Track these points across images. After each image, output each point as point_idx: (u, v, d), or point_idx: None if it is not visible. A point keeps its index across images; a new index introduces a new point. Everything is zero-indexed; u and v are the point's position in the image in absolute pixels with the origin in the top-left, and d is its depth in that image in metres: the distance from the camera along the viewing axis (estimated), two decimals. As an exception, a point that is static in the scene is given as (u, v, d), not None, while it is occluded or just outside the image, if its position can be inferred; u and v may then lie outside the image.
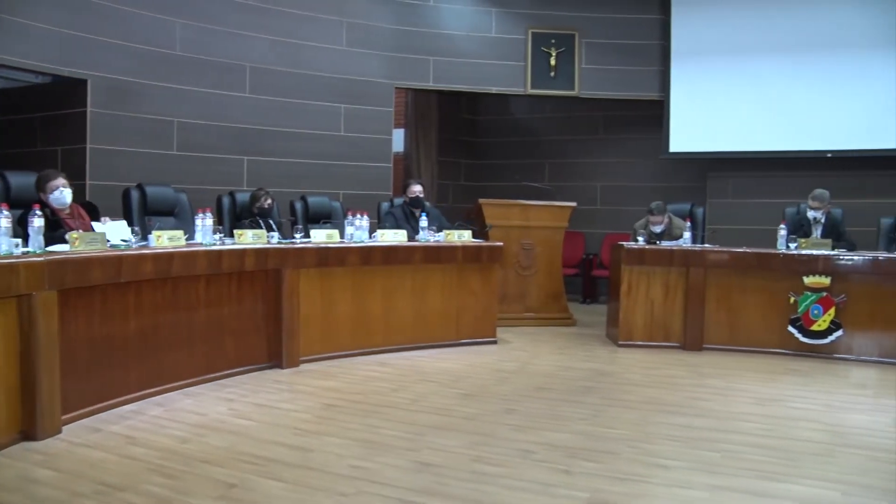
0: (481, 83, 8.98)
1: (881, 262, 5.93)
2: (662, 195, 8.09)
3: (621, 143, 9.92)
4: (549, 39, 8.98)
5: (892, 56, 8.07)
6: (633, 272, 6.40)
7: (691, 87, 8.82)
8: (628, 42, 9.05)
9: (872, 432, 4.17)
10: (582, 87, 9.05)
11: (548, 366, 5.71)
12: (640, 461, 3.55)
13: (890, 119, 8.07)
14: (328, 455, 3.55)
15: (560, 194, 8.19)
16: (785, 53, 8.46)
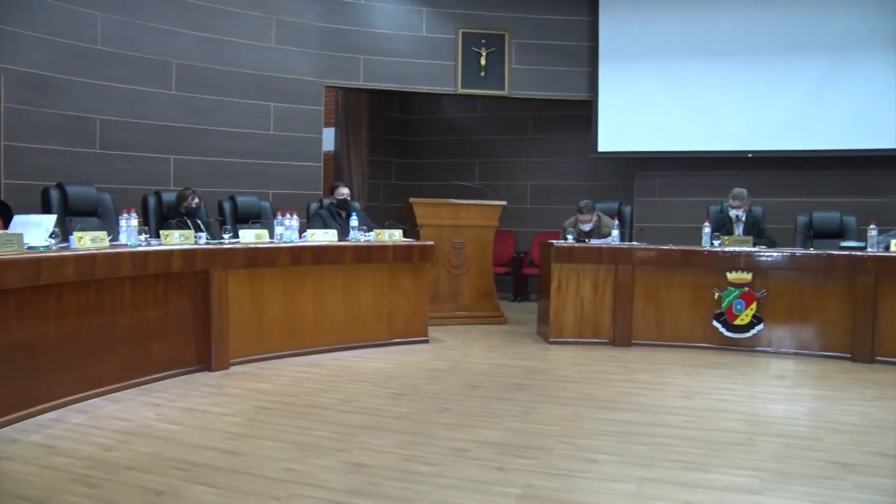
0: (412, 82, 8.99)
1: (798, 258, 6.16)
2: (591, 194, 8.24)
3: (551, 142, 10.07)
4: (480, 39, 9.05)
5: (810, 60, 8.41)
6: (562, 270, 6.51)
7: (619, 87, 9.01)
8: (557, 43, 9.18)
9: (789, 421, 4.36)
10: (512, 87, 9.15)
11: (480, 364, 5.76)
12: (572, 456, 3.61)
13: (806, 121, 8.41)
14: (260, 458, 3.51)
15: (490, 193, 8.27)
16: (708, 56, 8.71)
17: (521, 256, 9.72)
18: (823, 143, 8.39)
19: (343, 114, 9.69)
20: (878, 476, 3.41)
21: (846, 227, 7.00)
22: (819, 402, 4.77)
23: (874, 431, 4.11)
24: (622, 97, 8.99)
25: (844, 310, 5.99)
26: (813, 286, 6.11)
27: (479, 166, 10.28)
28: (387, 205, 9.95)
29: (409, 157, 10.67)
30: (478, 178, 10.02)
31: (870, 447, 3.82)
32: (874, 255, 5.92)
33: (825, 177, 8.58)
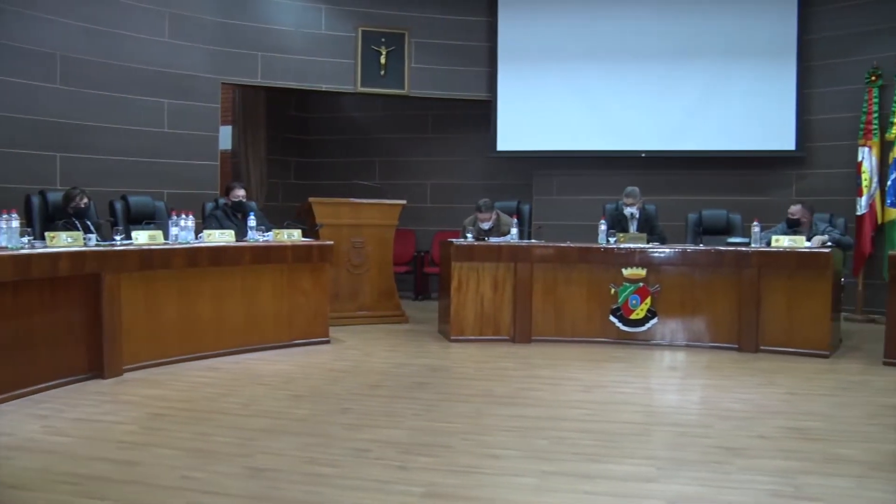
0: (311, 80, 8.89)
1: (689, 253, 6.42)
2: (490, 193, 8.35)
3: (450, 141, 10.14)
4: (380, 38, 9.03)
5: (700, 64, 8.80)
6: (462, 268, 6.57)
7: (518, 88, 9.16)
8: (457, 43, 9.25)
9: (682, 410, 4.57)
10: (412, 86, 9.16)
11: (381, 363, 5.75)
12: (474, 453, 3.65)
13: (696, 123, 8.77)
14: (156, 467, 3.40)
15: (390, 192, 8.27)
16: (605, 58, 8.98)
17: (422, 255, 9.75)
18: (712, 143, 8.78)
19: (240, 111, 9.49)
20: (762, 458, 3.60)
21: (732, 224, 7.32)
22: (709, 392, 4.99)
23: (758, 416, 4.33)
24: (521, 97, 9.14)
25: (731, 303, 6.28)
26: (702, 281, 6.38)
27: (378, 165, 10.26)
28: (286, 204, 9.80)
29: (309, 156, 10.54)
30: (377, 178, 10.00)
31: (755, 431, 4.03)
32: (757, 251, 6.23)
33: (713, 176, 8.98)
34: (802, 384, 5.17)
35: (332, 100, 10.25)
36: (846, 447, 3.78)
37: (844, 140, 8.44)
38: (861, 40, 8.40)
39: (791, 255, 6.12)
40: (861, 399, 4.80)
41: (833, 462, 3.56)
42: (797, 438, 3.93)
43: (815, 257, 6.04)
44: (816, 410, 4.52)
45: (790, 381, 5.26)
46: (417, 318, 7.89)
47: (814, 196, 7.94)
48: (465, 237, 6.84)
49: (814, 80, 8.66)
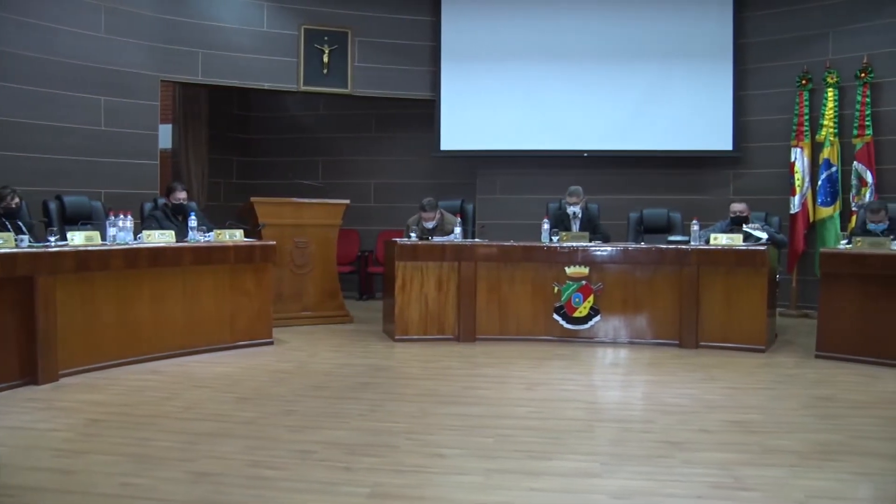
0: (253, 79, 8.77)
1: (630, 252, 6.52)
2: (434, 192, 8.35)
3: (394, 141, 10.11)
4: (323, 37, 8.95)
5: (642, 66, 8.94)
6: (406, 268, 6.56)
7: (461, 87, 9.18)
8: (401, 42, 9.23)
9: (625, 406, 4.66)
10: (355, 85, 9.11)
11: (325, 364, 5.71)
12: (420, 452, 3.65)
13: (636, 123, 8.91)
14: (94, 475, 3.31)
15: (334, 192, 8.21)
16: (548, 58, 9.05)
17: (366, 255, 9.71)
18: (653, 143, 8.94)
19: (181, 110, 9.31)
20: (703, 451, 3.68)
21: (673, 222, 7.46)
22: (651, 387, 5.08)
23: (699, 411, 4.42)
24: (464, 97, 9.17)
25: (672, 300, 6.40)
26: (644, 279, 6.48)
27: (322, 165, 10.18)
28: (228, 204, 9.65)
29: (251, 156, 10.40)
30: (321, 177, 9.92)
31: (696, 425, 4.11)
32: (697, 249, 6.36)
33: (654, 175, 9.14)
34: (741, 378, 5.31)
35: (275, 98, 10.13)
36: (782, 438, 3.89)
37: (778, 141, 8.68)
38: (792, 45, 8.65)
39: (729, 252, 6.27)
40: (795, 391, 4.95)
41: (770, 453, 3.66)
42: (736, 431, 4.03)
43: (752, 255, 6.20)
44: (754, 403, 4.65)
45: (729, 375, 5.39)
46: (362, 318, 7.85)
47: (749, 195, 8.14)
48: (409, 236, 6.83)
49: (749, 83, 8.88)
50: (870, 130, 7.99)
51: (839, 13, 8.39)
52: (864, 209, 6.95)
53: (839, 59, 8.30)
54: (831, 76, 8.24)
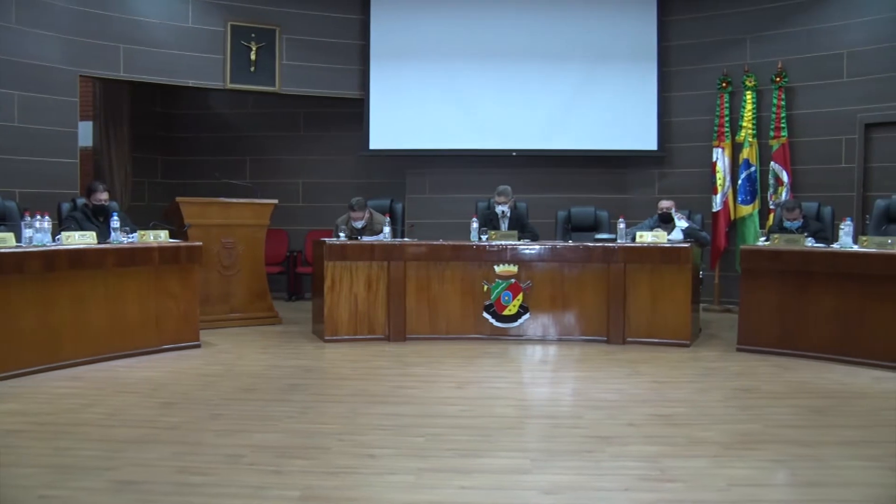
0: (178, 75, 8.56)
1: (559, 250, 6.61)
2: (363, 191, 8.32)
3: (323, 140, 10.02)
4: (250, 33, 8.81)
5: (570, 66, 9.06)
6: (336, 268, 6.51)
7: (390, 86, 9.16)
8: (329, 40, 9.16)
9: (554, 402, 4.73)
10: (283, 83, 9.00)
11: (254, 366, 5.63)
12: (351, 453, 3.63)
13: (564, 122, 9.03)
14: (11, 489, 3.17)
15: (262, 191, 8.07)
16: (477, 58, 9.10)
17: (295, 255, 9.59)
18: (581, 143, 9.07)
19: (101, 107, 9.03)
20: (630, 444, 3.76)
21: (600, 220, 7.60)
22: (580, 383, 5.16)
23: (627, 405, 4.52)
24: (393, 96, 9.15)
25: (599, 297, 6.51)
26: (572, 276, 6.58)
27: (249, 164, 10.02)
28: (153, 204, 9.41)
29: (176, 155, 10.16)
30: (248, 176, 9.75)
31: (623, 419, 4.20)
32: (623, 246, 6.49)
33: (582, 175, 9.29)
34: (666, 373, 5.44)
35: (201, 96, 9.92)
36: (705, 430, 4.01)
37: (700, 141, 8.94)
38: (713, 49, 8.91)
39: (654, 250, 6.42)
40: (718, 384, 5.10)
41: (694, 444, 3.77)
42: (662, 424, 4.13)
43: (676, 252, 6.36)
44: (679, 397, 4.77)
45: (655, 370, 5.51)
46: (291, 319, 7.76)
47: (674, 193, 8.35)
48: (338, 236, 6.79)
49: (672, 85, 9.10)
50: (785, 132, 8.31)
51: (756, 20, 8.69)
52: (780, 207, 7.20)
53: (756, 64, 8.59)
54: (749, 80, 8.53)
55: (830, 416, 4.33)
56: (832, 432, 4.01)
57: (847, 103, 8.16)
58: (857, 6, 8.12)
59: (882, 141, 8.05)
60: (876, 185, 8.04)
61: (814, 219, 6.76)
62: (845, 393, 4.87)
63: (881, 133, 8.05)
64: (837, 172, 8.25)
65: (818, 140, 8.35)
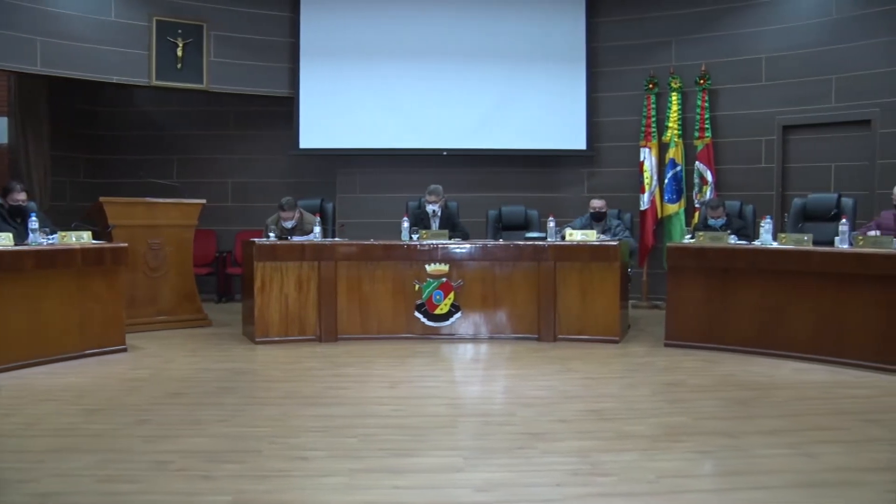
0: (100, 71, 8.29)
1: (489, 248, 6.65)
2: (293, 191, 8.24)
3: (252, 138, 9.86)
4: (176, 29, 8.60)
5: (501, 66, 9.12)
6: (266, 268, 6.42)
7: (321, 84, 9.07)
8: (258, 37, 9.02)
9: (487, 400, 4.77)
10: (211, 81, 8.82)
11: (183, 370, 5.51)
12: (283, 456, 3.59)
13: (495, 122, 9.09)
14: (-78, 499, 3.05)
15: (189, 191, 7.91)
16: (408, 57, 9.09)
17: (224, 256, 9.42)
18: (511, 142, 9.14)
19: (17, 102, 8.67)
20: (562, 440, 3.82)
21: (530, 219, 7.69)
22: (512, 381, 5.21)
23: (558, 402, 4.58)
24: (324, 94, 9.07)
25: (530, 295, 6.58)
26: (503, 275, 6.63)
27: (177, 163, 9.79)
28: (75, 204, 9.08)
29: (100, 153, 9.85)
30: (175, 176, 9.53)
31: (554, 416, 4.26)
32: (553, 245, 6.57)
33: (512, 174, 9.37)
34: (596, 369, 5.54)
35: (125, 93, 9.62)
36: (634, 424, 4.09)
37: (628, 141, 9.11)
38: (640, 51, 9.10)
39: (583, 248, 6.52)
40: (646, 379, 5.22)
41: (623, 438, 3.84)
42: (593, 420, 4.20)
43: (605, 250, 6.47)
44: (609, 392, 4.86)
45: (586, 366, 5.60)
46: (221, 321, 7.62)
47: (603, 192, 8.48)
48: (268, 236, 6.70)
49: (601, 86, 9.25)
50: (709, 133, 8.55)
51: (681, 23, 8.92)
52: (705, 206, 7.40)
53: (682, 66, 8.81)
54: (675, 81, 8.74)
55: (753, 407, 4.47)
56: (755, 422, 4.14)
57: (766, 106, 8.45)
58: (775, 13, 8.41)
59: (798, 142, 8.37)
60: (793, 184, 8.36)
61: (737, 217, 6.98)
62: (767, 384, 5.03)
63: (798, 135, 8.37)
64: (758, 172, 8.54)
65: (740, 141, 8.62)
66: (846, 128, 8.05)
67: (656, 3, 9.00)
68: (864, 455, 3.61)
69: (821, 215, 6.70)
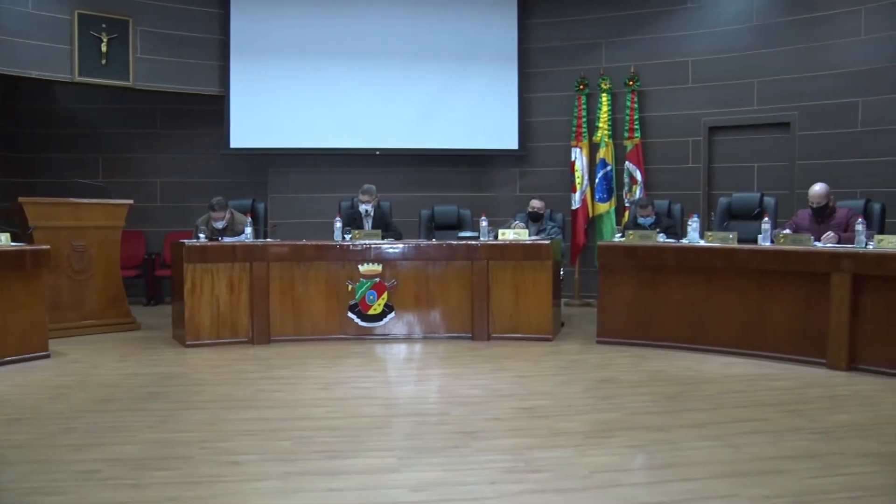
0: (18, 65, 7.96)
1: (423, 248, 6.66)
2: (224, 191, 8.10)
3: (181, 137, 9.66)
4: (100, 24, 8.34)
5: (434, 66, 9.15)
6: (196, 270, 6.30)
7: (252, 83, 8.95)
8: (187, 34, 8.84)
9: (421, 400, 4.77)
10: (137, 78, 8.60)
11: (110, 375, 5.36)
12: (214, 461, 3.53)
13: (429, 121, 9.11)
14: None
15: (116, 191, 7.71)
16: (340, 56, 9.03)
17: (153, 257, 9.20)
18: (445, 142, 9.18)
19: (-70, 100, 8.34)
20: (496, 438, 3.84)
21: (463, 219, 7.73)
22: (446, 380, 5.23)
23: (491, 400, 4.61)
24: (255, 93, 8.95)
25: (464, 294, 6.61)
26: (436, 274, 6.64)
27: (102, 162, 9.52)
28: (-8, 205, 8.78)
29: (19, 151, 9.49)
30: (101, 175, 9.27)
31: (488, 414, 4.28)
32: (486, 244, 6.61)
33: (445, 173, 9.41)
34: (530, 367, 5.60)
35: (47, 89, 9.30)
36: (567, 421, 4.15)
37: (559, 141, 9.24)
38: (571, 53, 9.24)
39: (516, 247, 6.58)
40: (579, 376, 5.29)
41: (557, 435, 3.89)
42: (526, 417, 4.25)
43: (537, 249, 6.55)
44: (542, 390, 4.92)
45: (519, 364, 5.66)
46: (150, 325, 7.44)
47: (535, 192, 8.58)
48: (198, 237, 6.57)
49: (532, 86, 9.36)
50: (638, 133, 8.73)
51: (610, 26, 9.08)
52: (634, 205, 7.56)
53: (611, 68, 8.98)
54: (605, 83, 8.89)
55: (682, 402, 4.58)
56: (683, 416, 4.25)
57: (693, 107, 8.68)
58: (701, 18, 8.65)
59: (723, 143, 8.62)
60: (719, 184, 8.61)
61: (665, 215, 7.14)
62: (696, 379, 5.17)
63: (723, 136, 8.62)
64: (685, 172, 8.76)
65: (668, 141, 8.83)
66: (768, 129, 8.34)
67: (587, 5, 9.15)
68: (785, 444, 3.75)
69: (745, 214, 6.90)
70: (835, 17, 7.85)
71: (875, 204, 6.30)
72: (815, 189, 6.12)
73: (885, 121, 7.56)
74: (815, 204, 6.11)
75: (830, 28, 7.88)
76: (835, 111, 7.87)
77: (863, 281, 5.29)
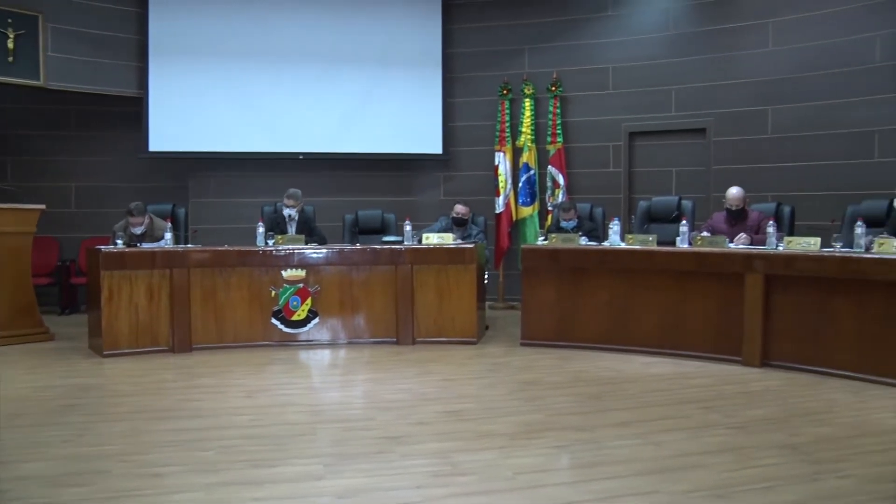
0: (-83, 64, 7.62)
1: (346, 253, 6.62)
2: (143, 196, 7.89)
3: (97, 140, 9.35)
4: (6, 18, 7.98)
5: (358, 70, 9.09)
6: (113, 277, 6.12)
7: (172, 85, 8.74)
8: (103, 33, 8.56)
9: (346, 406, 4.73)
10: (49, 78, 8.29)
11: (20, 388, 5.14)
12: (134, 474, 3.43)
13: (353, 126, 9.06)
14: None
15: (26, 196, 7.42)
16: (263, 58, 8.91)
17: (68, 265, 8.88)
18: (369, 146, 9.14)
19: None
20: (422, 443, 3.85)
21: (387, 223, 7.71)
22: (371, 385, 5.21)
23: (416, 404, 4.62)
24: (175, 95, 8.74)
25: (388, 299, 6.60)
26: (360, 279, 6.61)
27: (11, 165, 9.15)
28: None
29: (-80, 154, 9.07)
30: (10, 179, 8.90)
31: (413, 419, 4.29)
32: (410, 248, 6.62)
33: (369, 178, 9.37)
34: (455, 370, 5.63)
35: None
36: (492, 423, 4.19)
37: (483, 146, 9.32)
38: (494, 58, 9.32)
39: (440, 251, 6.60)
40: (504, 378, 5.35)
41: (482, 438, 3.92)
42: (451, 420, 4.26)
43: (461, 252, 6.58)
44: (467, 393, 4.95)
45: (444, 368, 5.68)
46: (65, 335, 7.18)
47: (458, 196, 8.61)
48: (116, 243, 6.38)
49: (456, 91, 9.41)
50: (561, 138, 8.87)
51: (533, 33, 9.21)
52: (557, 209, 7.69)
53: (534, 73, 9.11)
54: (528, 88, 9.01)
55: (605, 401, 4.68)
56: (607, 416, 4.34)
57: (613, 113, 8.88)
58: (621, 26, 8.86)
59: (643, 148, 8.84)
60: (639, 187, 8.82)
61: (587, 219, 7.28)
62: (618, 379, 5.28)
63: (642, 141, 8.84)
64: (607, 176, 8.95)
65: (590, 146, 9.00)
66: (685, 135, 8.60)
67: (510, 11, 9.25)
68: (704, 440, 3.87)
69: (664, 217, 7.10)
70: (745, 29, 8.16)
71: (785, 207, 6.58)
72: (732, 192, 6.34)
73: (794, 128, 7.90)
74: (732, 206, 6.33)
75: (741, 39, 8.19)
76: (747, 118, 8.18)
77: (774, 281, 5.51)
